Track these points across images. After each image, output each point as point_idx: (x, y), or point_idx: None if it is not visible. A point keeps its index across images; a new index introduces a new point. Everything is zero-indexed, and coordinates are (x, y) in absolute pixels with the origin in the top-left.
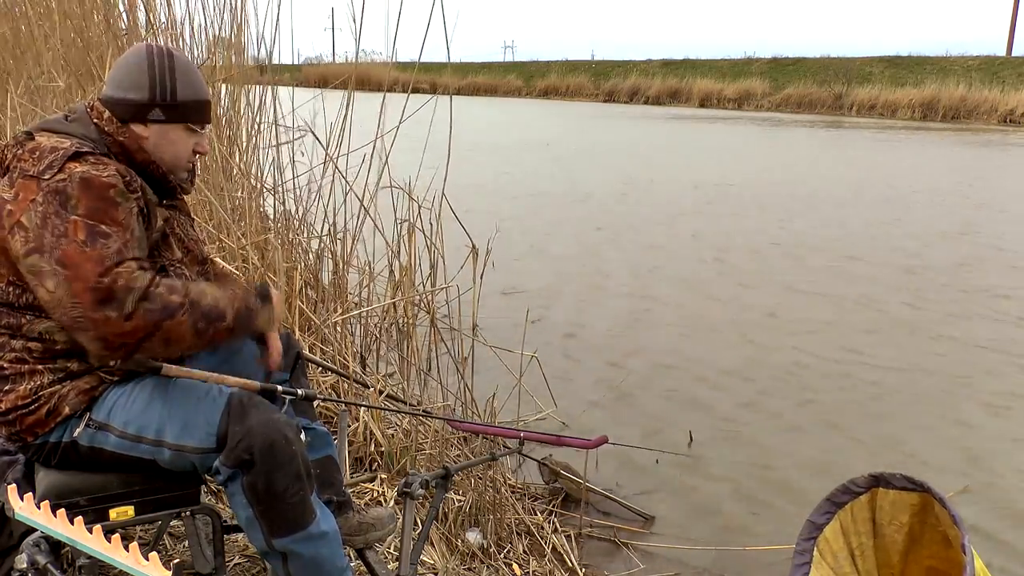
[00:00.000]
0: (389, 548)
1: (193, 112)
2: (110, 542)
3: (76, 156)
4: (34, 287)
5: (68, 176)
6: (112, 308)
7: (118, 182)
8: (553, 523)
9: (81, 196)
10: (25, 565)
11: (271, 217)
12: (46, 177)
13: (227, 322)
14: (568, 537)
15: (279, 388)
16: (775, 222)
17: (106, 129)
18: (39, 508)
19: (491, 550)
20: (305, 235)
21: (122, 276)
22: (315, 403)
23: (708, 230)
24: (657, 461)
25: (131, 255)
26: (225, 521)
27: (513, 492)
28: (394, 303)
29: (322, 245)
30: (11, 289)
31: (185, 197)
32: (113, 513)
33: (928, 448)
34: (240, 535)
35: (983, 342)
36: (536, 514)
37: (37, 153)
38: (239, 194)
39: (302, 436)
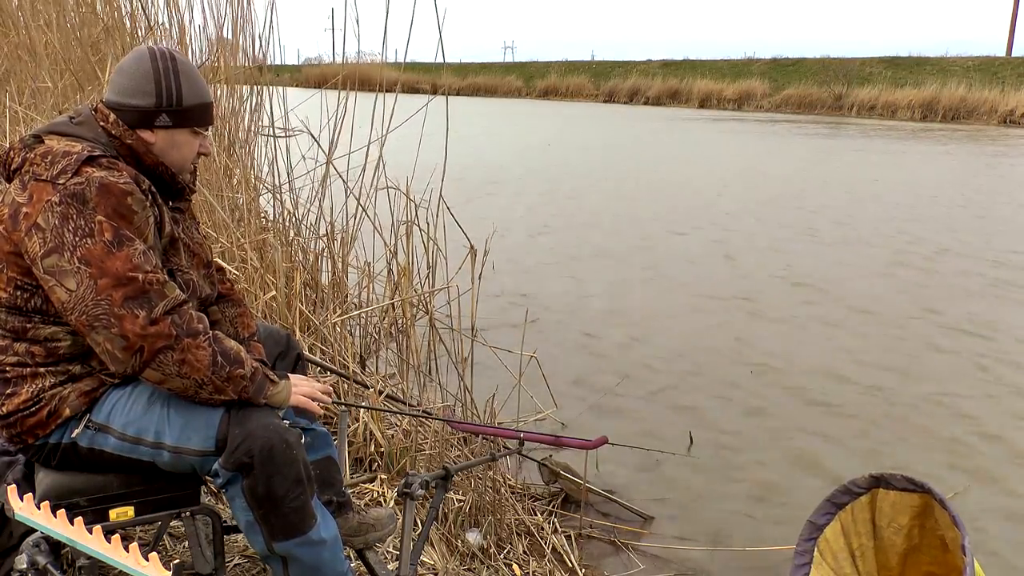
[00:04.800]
0: (389, 548)
1: (198, 116)
2: (110, 542)
3: (90, 160)
4: (51, 288)
5: (86, 180)
6: (140, 307)
7: (134, 190)
8: (553, 523)
9: (100, 201)
10: (25, 565)
11: (271, 217)
12: (61, 181)
13: (244, 371)
14: (568, 537)
15: None
16: (785, 223)
17: (113, 132)
18: (39, 508)
19: (491, 551)
20: (305, 235)
21: (157, 281)
22: None
23: (711, 230)
24: (657, 461)
25: (158, 264)
26: (225, 522)
27: (513, 493)
28: (392, 304)
29: (322, 246)
30: (18, 293)
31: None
32: (113, 513)
33: (930, 450)
34: (240, 535)
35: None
36: (536, 515)
37: (49, 157)
38: (238, 194)
39: (302, 439)
